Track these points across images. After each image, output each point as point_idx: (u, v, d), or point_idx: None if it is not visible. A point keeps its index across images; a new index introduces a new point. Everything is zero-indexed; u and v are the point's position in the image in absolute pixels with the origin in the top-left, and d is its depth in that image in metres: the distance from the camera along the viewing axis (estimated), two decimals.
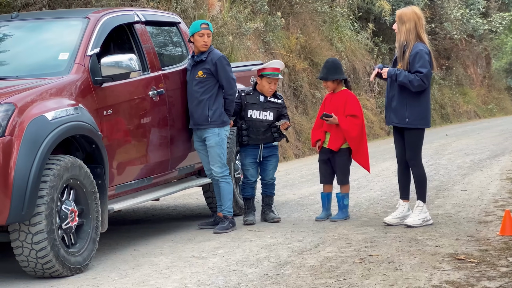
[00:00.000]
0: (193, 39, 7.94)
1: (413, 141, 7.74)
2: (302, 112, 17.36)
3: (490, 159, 13.27)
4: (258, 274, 6.09)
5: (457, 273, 5.91)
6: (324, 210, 8.38)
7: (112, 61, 6.84)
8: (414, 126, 7.69)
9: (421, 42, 7.63)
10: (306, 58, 18.36)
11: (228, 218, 7.97)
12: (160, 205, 9.87)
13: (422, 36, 7.65)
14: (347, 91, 8.31)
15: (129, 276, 6.21)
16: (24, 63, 7.03)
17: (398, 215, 7.84)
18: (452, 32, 25.38)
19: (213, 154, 7.94)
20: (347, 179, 8.34)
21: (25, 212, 5.87)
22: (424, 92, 7.66)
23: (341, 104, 8.22)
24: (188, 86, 7.98)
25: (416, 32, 7.63)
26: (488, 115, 28.26)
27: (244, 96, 8.28)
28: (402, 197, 7.89)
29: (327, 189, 8.41)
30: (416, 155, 7.76)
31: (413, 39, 7.62)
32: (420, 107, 7.66)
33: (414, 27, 7.63)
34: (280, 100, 8.38)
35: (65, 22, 7.43)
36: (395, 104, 7.73)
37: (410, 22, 7.63)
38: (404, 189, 7.88)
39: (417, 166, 7.76)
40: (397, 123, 7.75)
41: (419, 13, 7.72)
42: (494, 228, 7.54)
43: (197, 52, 7.97)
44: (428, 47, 7.65)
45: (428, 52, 7.61)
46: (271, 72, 8.23)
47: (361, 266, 6.23)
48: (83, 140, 6.58)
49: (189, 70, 8.00)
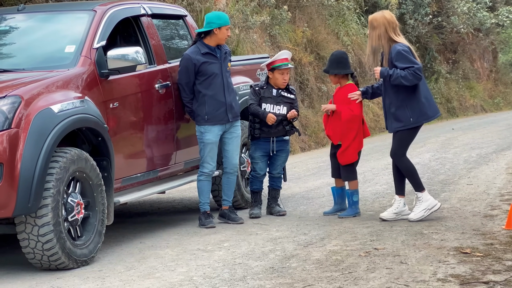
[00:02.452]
0: (217, 31, 7.80)
1: (402, 138, 7.73)
2: (308, 105, 17.34)
3: (496, 153, 13.24)
4: (263, 267, 6.10)
5: (463, 267, 5.91)
6: (334, 204, 8.35)
7: (118, 54, 6.85)
8: (419, 124, 7.72)
9: (397, 43, 7.64)
10: (313, 52, 18.33)
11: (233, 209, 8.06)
12: (166, 198, 9.88)
13: (395, 39, 7.66)
14: (352, 86, 8.20)
15: (135, 268, 6.22)
16: (30, 56, 7.04)
17: (393, 210, 7.82)
18: (458, 26, 25.30)
19: (236, 145, 8.00)
20: (351, 176, 8.20)
21: (31, 205, 5.89)
22: (417, 88, 7.64)
23: (345, 99, 8.17)
24: (219, 78, 7.78)
25: (387, 36, 7.66)
26: (495, 109, 28.19)
27: (259, 90, 8.26)
28: (398, 193, 7.88)
29: (338, 184, 8.35)
30: (399, 151, 7.73)
31: (386, 44, 7.66)
32: (418, 104, 7.65)
33: (384, 31, 7.66)
34: (293, 94, 8.35)
35: (71, 15, 7.44)
36: (394, 109, 7.70)
37: (380, 28, 7.68)
38: (399, 184, 7.87)
39: (400, 161, 7.73)
40: (401, 127, 7.71)
41: (389, 17, 7.73)
42: (499, 222, 7.54)
43: (214, 44, 7.83)
44: (406, 43, 7.66)
45: (408, 49, 7.60)
46: (281, 63, 8.23)
47: (366, 260, 6.23)
48: (89, 132, 6.60)
49: (215, 63, 7.79)
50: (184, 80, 7.77)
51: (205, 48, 7.79)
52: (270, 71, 8.26)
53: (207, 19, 7.84)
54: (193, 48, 7.83)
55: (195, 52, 7.78)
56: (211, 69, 7.78)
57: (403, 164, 7.74)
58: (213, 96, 7.77)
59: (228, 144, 7.95)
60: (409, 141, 7.80)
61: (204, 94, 7.77)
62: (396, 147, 7.76)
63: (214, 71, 7.78)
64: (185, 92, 7.80)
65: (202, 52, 7.77)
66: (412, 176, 7.75)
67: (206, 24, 7.80)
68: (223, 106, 7.81)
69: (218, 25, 7.78)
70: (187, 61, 7.76)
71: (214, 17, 7.83)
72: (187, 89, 7.79)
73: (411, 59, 7.55)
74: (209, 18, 7.84)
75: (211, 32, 7.80)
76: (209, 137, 7.80)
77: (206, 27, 7.80)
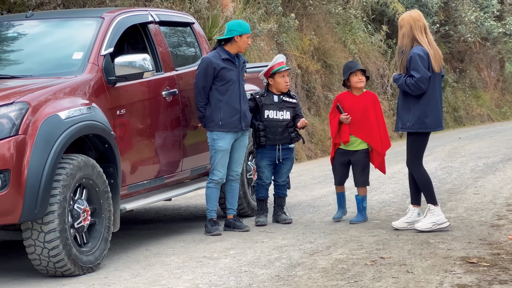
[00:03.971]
0: (238, 39, 7.82)
1: (412, 145, 7.71)
2: (314, 113, 17.34)
3: (503, 162, 13.22)
4: (269, 275, 6.09)
5: (469, 277, 5.89)
6: (340, 208, 8.39)
7: (125, 61, 6.86)
8: (414, 130, 7.65)
9: (419, 45, 7.58)
10: (320, 60, 18.34)
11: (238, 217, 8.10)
12: (172, 205, 9.89)
13: (419, 38, 7.57)
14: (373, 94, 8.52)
15: (141, 275, 6.22)
16: (38, 62, 7.06)
17: (406, 219, 7.80)
18: (466, 34, 25.29)
19: (242, 154, 8.02)
20: (367, 180, 8.33)
21: (38, 211, 5.89)
22: (424, 96, 7.59)
23: (370, 103, 8.40)
24: (236, 85, 7.80)
25: (412, 35, 7.59)
26: (502, 119, 28.13)
27: (259, 97, 8.29)
28: (413, 202, 7.85)
29: (340, 189, 8.40)
30: (415, 159, 7.69)
31: (409, 43, 7.59)
32: (419, 111, 7.59)
33: (409, 30, 7.59)
34: (295, 99, 8.40)
35: (79, 22, 7.46)
36: (400, 109, 7.73)
37: (405, 27, 7.63)
38: (414, 194, 7.84)
39: (417, 170, 7.70)
40: (401, 128, 7.74)
41: (415, 15, 7.64)
42: (506, 232, 7.52)
43: (234, 52, 7.86)
44: (425, 48, 7.54)
45: (423, 55, 7.50)
46: (280, 67, 8.27)
47: (372, 269, 6.22)
48: (96, 139, 6.60)
49: (233, 70, 7.81)
50: (202, 83, 7.77)
51: (225, 54, 7.82)
52: (270, 78, 8.29)
53: (228, 27, 7.87)
54: (213, 53, 7.86)
55: (215, 56, 7.80)
56: (229, 76, 7.79)
57: (419, 174, 7.70)
58: (228, 102, 7.78)
59: (235, 152, 7.96)
60: (420, 149, 7.72)
61: (220, 99, 7.77)
62: (410, 157, 7.72)
63: (232, 78, 7.80)
64: (201, 96, 7.79)
65: (222, 58, 7.79)
66: (427, 188, 7.70)
67: (228, 32, 7.83)
68: (237, 113, 7.82)
69: (239, 33, 7.80)
70: (207, 64, 7.76)
71: (235, 25, 7.86)
72: (203, 93, 7.79)
73: (419, 67, 7.48)
74: (231, 25, 7.87)
75: (232, 40, 7.82)
76: (222, 144, 7.80)
77: (228, 35, 7.82)
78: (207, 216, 7.87)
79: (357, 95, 8.32)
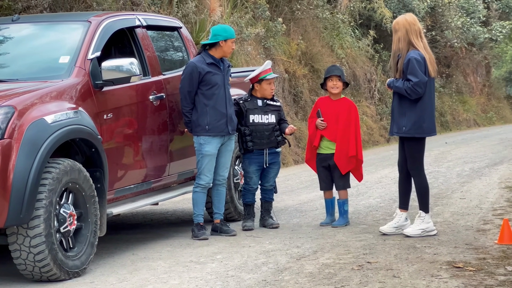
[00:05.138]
0: (223, 44, 7.81)
1: (411, 150, 7.70)
2: (302, 118, 17.35)
3: (489, 167, 13.27)
4: (256, 280, 6.09)
5: (455, 281, 5.90)
6: (329, 215, 8.40)
7: (113, 65, 6.85)
8: (411, 135, 7.63)
9: (415, 49, 7.58)
10: (307, 64, 18.36)
11: (224, 221, 8.09)
12: (159, 209, 9.86)
13: (415, 42, 7.55)
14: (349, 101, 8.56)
15: (127, 280, 6.20)
16: (24, 66, 7.03)
17: (394, 224, 7.80)
18: (452, 40, 25.40)
19: (229, 158, 8.01)
20: (348, 183, 8.38)
21: (24, 215, 5.86)
22: (421, 100, 7.59)
23: (346, 109, 8.43)
24: (221, 89, 7.80)
25: (408, 39, 7.57)
26: (488, 124, 28.25)
27: (243, 103, 8.29)
28: (401, 207, 7.85)
29: (328, 195, 8.42)
30: (416, 164, 7.70)
31: (405, 47, 7.56)
32: (416, 116, 7.58)
33: (405, 34, 7.57)
34: (278, 102, 8.45)
35: (66, 26, 7.44)
36: (396, 114, 7.72)
37: (401, 30, 7.60)
38: (403, 198, 7.83)
39: (418, 176, 7.70)
40: (396, 132, 7.73)
41: (411, 19, 7.62)
42: (492, 237, 7.54)
43: (219, 56, 7.85)
44: (421, 53, 7.53)
45: (420, 59, 7.50)
46: (267, 74, 8.28)
47: (359, 273, 6.22)
48: (82, 143, 6.58)
49: (218, 74, 7.81)
50: (187, 88, 7.76)
51: (210, 58, 7.81)
52: (257, 83, 8.30)
53: (213, 31, 7.86)
54: (198, 57, 7.85)
55: (200, 61, 7.80)
56: (215, 80, 7.79)
57: (420, 180, 7.68)
58: (214, 106, 7.78)
59: (222, 157, 7.95)
60: (419, 153, 7.70)
61: (206, 104, 7.76)
62: (411, 162, 7.70)
63: (217, 82, 7.80)
64: (186, 101, 7.79)
65: (207, 62, 7.79)
66: (424, 195, 7.69)
67: (212, 36, 7.83)
68: (224, 117, 7.82)
69: (224, 38, 7.80)
70: (192, 68, 7.76)
71: (220, 30, 7.85)
72: (188, 97, 7.78)
73: (416, 72, 7.45)
74: (216, 30, 7.86)
75: (216, 44, 7.82)
76: (208, 148, 7.80)
77: (212, 39, 7.82)
78: (194, 221, 7.86)
79: (334, 100, 8.38)
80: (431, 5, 24.42)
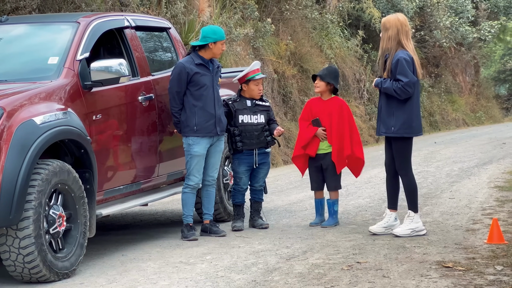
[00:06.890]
0: (213, 46, 7.81)
1: (400, 150, 7.71)
2: (291, 118, 17.37)
3: (478, 167, 13.31)
4: (246, 281, 6.09)
5: (445, 281, 5.92)
6: (318, 215, 8.42)
7: (101, 66, 6.84)
8: (400, 135, 7.64)
9: (404, 50, 7.59)
10: (296, 65, 18.38)
11: (214, 222, 8.08)
12: (149, 210, 9.85)
13: (404, 43, 7.56)
14: (341, 100, 8.54)
15: (117, 281, 6.19)
16: (13, 67, 7.01)
17: (383, 224, 7.81)
18: (441, 40, 25.46)
19: (218, 159, 8.01)
20: (339, 184, 8.38)
21: (13, 217, 5.85)
22: (409, 100, 7.60)
23: (336, 109, 8.42)
24: (210, 90, 7.80)
25: (398, 39, 7.56)
26: (477, 123, 28.34)
27: (232, 103, 8.30)
28: (390, 207, 7.87)
29: (319, 195, 8.43)
30: (404, 164, 7.72)
31: (394, 47, 7.56)
32: (404, 115, 7.58)
33: (396, 33, 7.56)
34: (267, 102, 8.46)
35: (55, 27, 7.42)
36: (383, 114, 7.72)
37: (392, 29, 7.58)
38: (392, 198, 7.85)
39: (406, 175, 7.72)
40: (384, 132, 7.73)
41: (403, 20, 7.62)
42: (481, 236, 7.56)
43: (209, 57, 7.85)
44: (410, 53, 7.54)
45: (409, 59, 7.51)
46: (255, 74, 8.28)
47: (348, 273, 6.23)
48: (72, 144, 6.57)
49: (207, 75, 7.80)
50: (176, 88, 7.76)
51: (199, 59, 7.81)
52: (244, 84, 8.30)
53: (203, 33, 7.85)
54: (187, 58, 7.85)
55: (189, 61, 7.79)
56: (203, 81, 7.79)
57: (408, 179, 7.70)
58: (203, 107, 7.78)
59: (211, 157, 7.95)
60: (407, 153, 7.70)
61: (194, 105, 7.76)
62: (399, 162, 7.70)
63: (205, 83, 7.79)
64: (175, 101, 7.78)
65: (196, 63, 7.78)
66: (412, 194, 7.70)
67: (202, 38, 7.82)
68: (212, 118, 7.81)
69: (213, 40, 7.80)
70: (181, 69, 7.76)
71: (210, 32, 7.84)
72: (177, 98, 7.77)
73: (406, 72, 7.46)
74: (205, 32, 7.85)
75: (206, 46, 7.82)
76: (197, 149, 7.79)
77: (202, 41, 7.81)
78: (184, 221, 7.86)
79: (324, 100, 8.40)
80: (420, 5, 24.48)
